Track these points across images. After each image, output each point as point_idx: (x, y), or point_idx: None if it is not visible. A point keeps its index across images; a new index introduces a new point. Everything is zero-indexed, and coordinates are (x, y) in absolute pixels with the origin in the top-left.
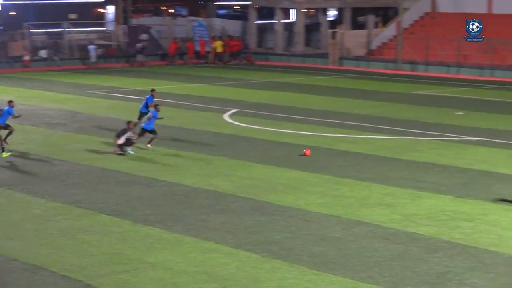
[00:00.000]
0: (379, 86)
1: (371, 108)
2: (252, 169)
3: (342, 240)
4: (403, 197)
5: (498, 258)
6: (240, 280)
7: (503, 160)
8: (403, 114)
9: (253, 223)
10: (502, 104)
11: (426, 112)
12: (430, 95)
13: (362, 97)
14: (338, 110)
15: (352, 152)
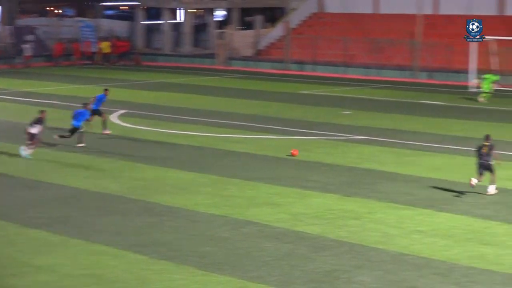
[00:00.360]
0: (267, 86)
1: (258, 108)
2: (140, 170)
3: (230, 240)
4: (290, 196)
5: (384, 255)
6: (128, 282)
7: (389, 159)
8: (290, 113)
9: (141, 224)
10: (388, 103)
11: (314, 111)
12: (317, 94)
13: (249, 97)
14: (226, 110)
15: (239, 152)
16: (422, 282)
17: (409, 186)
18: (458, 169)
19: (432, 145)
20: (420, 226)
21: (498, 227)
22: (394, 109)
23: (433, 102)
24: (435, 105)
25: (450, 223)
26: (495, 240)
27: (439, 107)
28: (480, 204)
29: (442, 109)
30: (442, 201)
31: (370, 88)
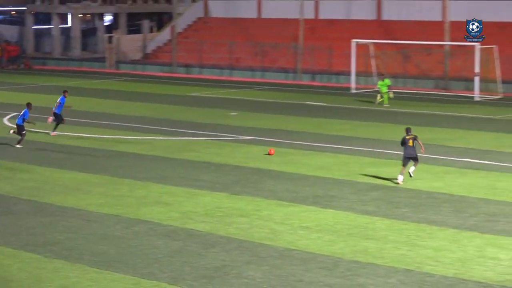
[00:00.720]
0: (155, 88)
1: (148, 110)
2: (32, 171)
3: (123, 239)
4: (180, 195)
5: (272, 251)
6: (23, 280)
7: (275, 158)
8: (178, 115)
9: (35, 224)
10: (273, 105)
11: (201, 113)
12: (204, 96)
13: (139, 99)
14: (116, 113)
15: (130, 153)
16: (309, 276)
17: (294, 184)
18: (340, 167)
19: (316, 144)
20: (306, 223)
21: (380, 222)
22: (279, 110)
23: (315, 103)
24: (317, 106)
25: (334, 219)
26: (377, 235)
27: (321, 108)
28: (362, 200)
29: (324, 110)
30: (326, 198)
31: (255, 90)
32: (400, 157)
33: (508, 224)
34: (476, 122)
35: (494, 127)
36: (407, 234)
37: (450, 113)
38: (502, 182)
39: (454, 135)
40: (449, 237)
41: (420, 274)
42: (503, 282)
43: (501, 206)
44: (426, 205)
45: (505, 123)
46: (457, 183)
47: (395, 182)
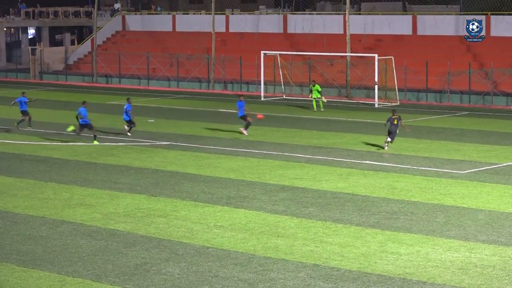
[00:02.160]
0: (77, 97)
1: (71, 118)
2: None
3: (48, 239)
4: (102, 197)
5: (189, 248)
6: None
7: (190, 162)
8: (100, 122)
9: None
10: (188, 112)
11: (121, 120)
12: (124, 104)
13: (62, 107)
14: (41, 120)
15: (54, 158)
16: (224, 272)
17: (209, 186)
18: (252, 170)
19: (229, 149)
20: (220, 222)
21: (289, 221)
22: (194, 117)
23: (228, 110)
24: (230, 113)
25: (247, 218)
26: (286, 233)
27: (233, 115)
28: (272, 201)
29: (236, 116)
30: (238, 199)
31: (171, 99)
32: (305, 159)
33: (407, 221)
34: (377, 127)
35: None
36: (314, 232)
37: (353, 119)
38: (400, 183)
39: (356, 140)
40: (353, 234)
41: (327, 268)
42: (403, 275)
43: (400, 205)
44: (331, 204)
45: (403, 128)
46: (360, 183)
47: (382, 149)
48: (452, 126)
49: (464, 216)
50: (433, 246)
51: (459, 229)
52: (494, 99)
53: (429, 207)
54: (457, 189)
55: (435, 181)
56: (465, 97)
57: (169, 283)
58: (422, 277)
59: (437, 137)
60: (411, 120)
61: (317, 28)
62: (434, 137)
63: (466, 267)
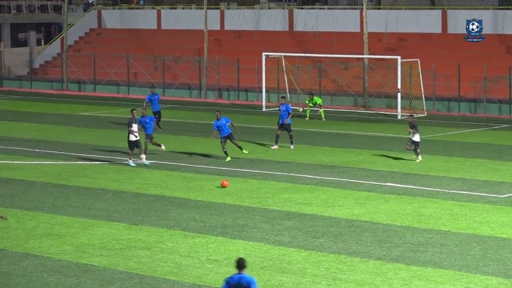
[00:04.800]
0: (45, 107)
1: (36, 132)
2: None
3: (9, 275)
4: (73, 226)
5: (177, 287)
6: None
7: (178, 184)
8: (71, 137)
9: None
10: (176, 125)
11: (96, 134)
12: (99, 116)
13: (26, 119)
14: (1, 135)
15: (16, 179)
16: None
17: (201, 212)
18: (251, 193)
19: (224, 168)
20: (214, 255)
21: (296, 254)
22: (183, 131)
23: None
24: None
25: (245, 251)
26: (293, 268)
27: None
28: (276, 230)
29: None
30: (235, 227)
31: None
32: (315, 181)
33: (435, 255)
34: (399, 142)
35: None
36: (326, 267)
37: (371, 133)
38: (428, 209)
39: (375, 158)
40: (372, 270)
41: None
42: None
43: (428, 235)
44: (346, 234)
45: (430, 143)
46: (380, 209)
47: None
48: (490, 142)
49: (504, 249)
50: (467, 284)
51: (498, 263)
52: None
53: (462, 238)
54: (496, 216)
55: (469, 206)
56: (504, 107)
57: None
58: None
59: (472, 155)
60: (440, 134)
61: (328, 25)
62: (468, 154)
63: None
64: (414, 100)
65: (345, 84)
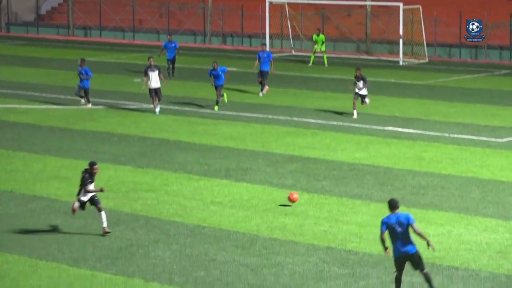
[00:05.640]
0: (51, 53)
1: (44, 77)
2: None
3: (17, 217)
4: (80, 168)
5: (182, 228)
6: None
7: (183, 128)
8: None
9: None
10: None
11: (102, 79)
12: (105, 62)
13: (33, 65)
14: (9, 80)
15: (24, 123)
16: (222, 255)
17: (205, 156)
18: (254, 137)
19: (228, 113)
20: (218, 198)
21: (299, 196)
22: (188, 76)
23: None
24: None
25: (249, 193)
26: (295, 211)
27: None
28: (279, 173)
29: (237, 75)
30: (239, 171)
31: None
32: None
33: (436, 197)
34: (401, 88)
35: (420, 93)
36: (328, 209)
37: (373, 78)
38: (429, 152)
39: (377, 102)
40: (373, 212)
41: (342, 251)
42: (432, 259)
43: (429, 178)
44: (348, 177)
45: (431, 89)
46: (381, 153)
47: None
48: (490, 87)
49: (503, 192)
50: (467, 226)
51: (497, 206)
52: None
53: (462, 181)
54: (495, 160)
55: (469, 150)
56: (505, 53)
57: (158, 268)
58: (454, 262)
59: (472, 100)
60: (442, 80)
61: None
62: (468, 99)
63: (506, 250)
64: (415, 46)
65: (347, 30)
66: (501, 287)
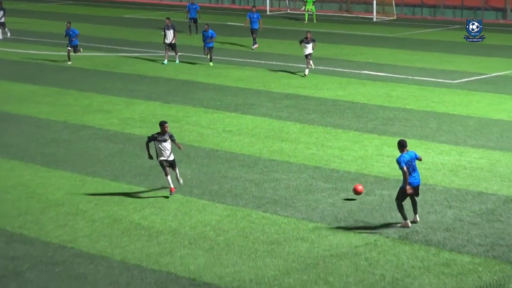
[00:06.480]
0: (94, 11)
1: (89, 30)
2: None
3: (70, 142)
4: (119, 104)
5: (200, 151)
6: None
7: (201, 72)
8: (116, 34)
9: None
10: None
11: (136, 32)
12: (139, 18)
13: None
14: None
15: (74, 67)
16: (232, 173)
17: (218, 94)
18: (258, 79)
19: (237, 59)
20: (229, 127)
21: (292, 126)
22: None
23: (234, 24)
24: (235, 26)
25: (253, 123)
26: (290, 137)
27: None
28: (277, 108)
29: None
30: (245, 105)
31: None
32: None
33: (402, 127)
34: (374, 40)
35: (389, 44)
36: (316, 136)
37: (352, 32)
38: (396, 91)
39: (355, 51)
40: (352, 139)
41: (327, 170)
42: (398, 176)
43: (396, 112)
44: (332, 111)
45: (399, 40)
46: (358, 92)
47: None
48: (446, 39)
49: (455, 123)
50: (426, 150)
51: (450, 134)
52: (485, 14)
53: (422, 114)
54: (449, 97)
55: (429, 90)
56: (457, 12)
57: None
58: None
59: (431, 49)
60: (407, 33)
61: None
62: (428, 49)
63: (456, 169)
64: (386, 6)
65: None
66: (452, 198)
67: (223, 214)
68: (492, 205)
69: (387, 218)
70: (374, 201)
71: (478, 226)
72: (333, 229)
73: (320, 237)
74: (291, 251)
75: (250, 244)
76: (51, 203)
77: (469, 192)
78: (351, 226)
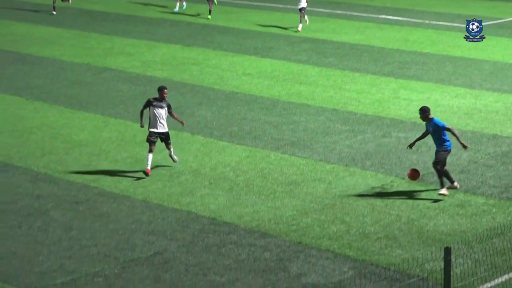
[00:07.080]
0: None
1: None
2: (12, 26)
3: (92, 84)
4: (140, 47)
5: (220, 94)
6: (7, 119)
7: (220, 16)
8: None
9: (15, 71)
10: None
11: None
12: None
13: None
14: None
15: (96, 10)
16: (251, 115)
17: (238, 37)
18: (276, 23)
19: (256, 3)
20: (248, 70)
21: (311, 69)
22: None
23: None
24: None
25: (272, 67)
26: (308, 80)
27: None
28: (296, 51)
29: None
30: (264, 49)
31: None
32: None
33: (418, 71)
34: None
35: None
36: (333, 80)
37: None
38: (413, 35)
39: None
40: (369, 82)
41: (345, 112)
42: (414, 119)
43: (413, 56)
44: (349, 55)
45: None
46: (376, 36)
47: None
48: None
49: (471, 66)
50: (442, 93)
51: (465, 78)
52: None
53: (438, 58)
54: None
55: (445, 34)
56: None
57: (202, 124)
58: None
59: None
60: None
61: None
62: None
63: (472, 112)
64: None
65: None
66: (467, 140)
67: (243, 155)
68: (506, 147)
69: (403, 160)
70: (390, 143)
71: (493, 168)
72: (350, 171)
73: (337, 178)
74: (309, 191)
75: (269, 184)
76: (75, 144)
77: (483, 134)
78: (367, 167)
